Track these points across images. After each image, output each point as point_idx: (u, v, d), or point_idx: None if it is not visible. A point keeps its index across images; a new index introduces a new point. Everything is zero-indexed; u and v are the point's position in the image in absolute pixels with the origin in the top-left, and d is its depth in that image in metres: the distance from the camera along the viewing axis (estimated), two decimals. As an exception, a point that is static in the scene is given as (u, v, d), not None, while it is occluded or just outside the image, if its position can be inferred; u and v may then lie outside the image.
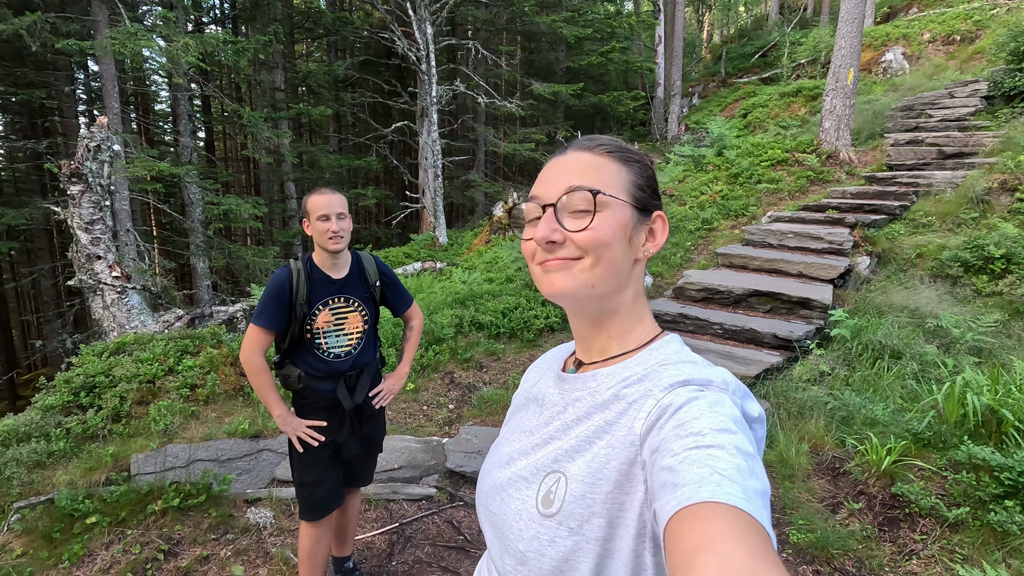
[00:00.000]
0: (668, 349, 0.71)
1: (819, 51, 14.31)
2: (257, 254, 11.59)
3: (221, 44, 9.21)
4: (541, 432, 0.73)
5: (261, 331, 1.97)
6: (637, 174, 0.71)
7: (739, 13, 27.80)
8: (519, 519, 0.68)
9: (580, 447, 0.66)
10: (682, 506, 0.48)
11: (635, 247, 0.70)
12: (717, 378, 0.64)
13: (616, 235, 0.68)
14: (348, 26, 14.93)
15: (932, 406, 3.23)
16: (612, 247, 0.68)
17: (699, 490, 0.48)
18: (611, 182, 0.69)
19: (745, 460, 0.52)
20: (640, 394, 0.65)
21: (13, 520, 2.80)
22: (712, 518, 0.46)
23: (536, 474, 0.69)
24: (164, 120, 18.31)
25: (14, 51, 12.43)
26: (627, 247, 0.69)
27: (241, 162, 22.07)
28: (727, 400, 0.60)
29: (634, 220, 0.70)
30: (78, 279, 4.88)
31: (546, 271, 0.69)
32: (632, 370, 0.68)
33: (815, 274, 5.38)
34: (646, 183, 0.72)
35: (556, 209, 0.68)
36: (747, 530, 0.45)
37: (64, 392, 3.60)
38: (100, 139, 4.83)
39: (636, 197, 0.70)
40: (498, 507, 0.73)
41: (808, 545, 2.56)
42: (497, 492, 0.74)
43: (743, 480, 0.50)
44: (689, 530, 0.46)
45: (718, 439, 0.53)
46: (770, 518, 0.50)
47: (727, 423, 0.56)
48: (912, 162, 7.79)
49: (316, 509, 2.08)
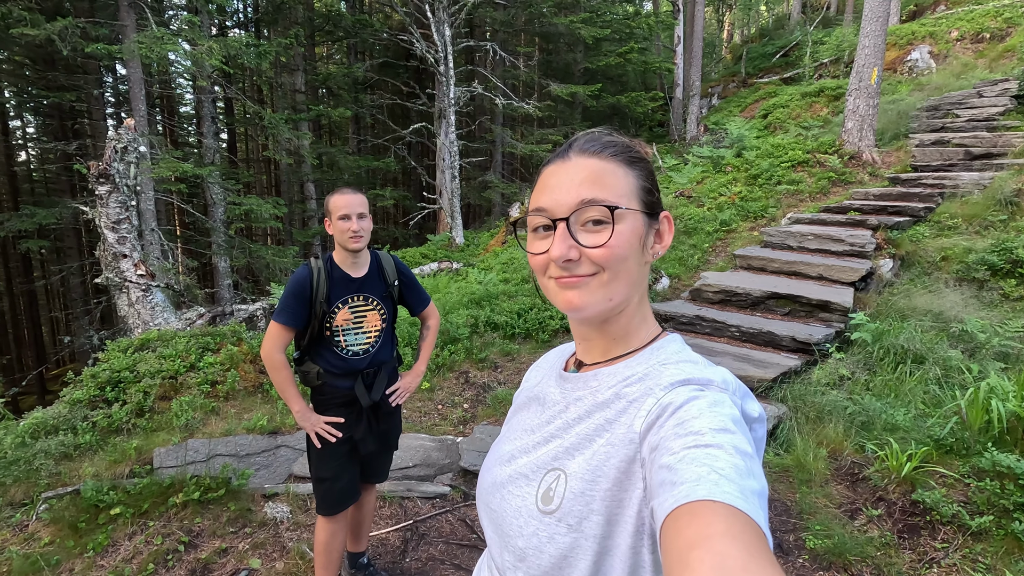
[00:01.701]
0: (669, 349, 0.71)
1: (842, 50, 14.08)
2: (277, 253, 11.77)
3: (244, 47, 9.37)
4: (542, 431, 0.74)
5: (282, 328, 2.01)
6: (643, 176, 0.71)
7: (760, 12, 27.47)
8: (519, 516, 0.68)
9: (580, 445, 0.67)
10: (679, 504, 0.49)
11: (646, 252, 0.70)
12: (717, 378, 0.64)
13: (632, 247, 0.67)
14: (368, 28, 15.09)
15: (955, 412, 3.16)
16: (628, 260, 0.67)
17: (696, 488, 0.49)
18: (622, 191, 0.67)
19: (743, 460, 0.52)
20: (640, 393, 0.65)
21: (41, 510, 2.89)
22: (708, 516, 0.46)
23: (536, 472, 0.70)
24: (188, 122, 18.70)
25: (46, 55, 12.83)
26: (641, 255, 0.69)
27: (262, 163, 22.43)
28: (727, 400, 0.60)
29: (646, 227, 0.69)
30: (105, 277, 5.01)
31: (562, 287, 0.68)
32: (633, 369, 0.69)
33: (835, 276, 5.29)
34: (652, 184, 0.71)
35: (569, 224, 0.66)
36: (743, 529, 0.45)
37: (91, 387, 3.71)
38: (127, 141, 4.96)
39: (645, 202, 0.69)
40: (498, 504, 0.73)
41: (825, 551, 2.52)
42: (497, 489, 0.75)
43: (740, 480, 0.50)
44: (685, 527, 0.47)
45: (717, 439, 0.54)
46: (767, 518, 0.50)
47: (726, 423, 0.56)
48: (938, 163, 7.63)
49: (332, 504, 2.12)
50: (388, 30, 15.71)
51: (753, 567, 0.42)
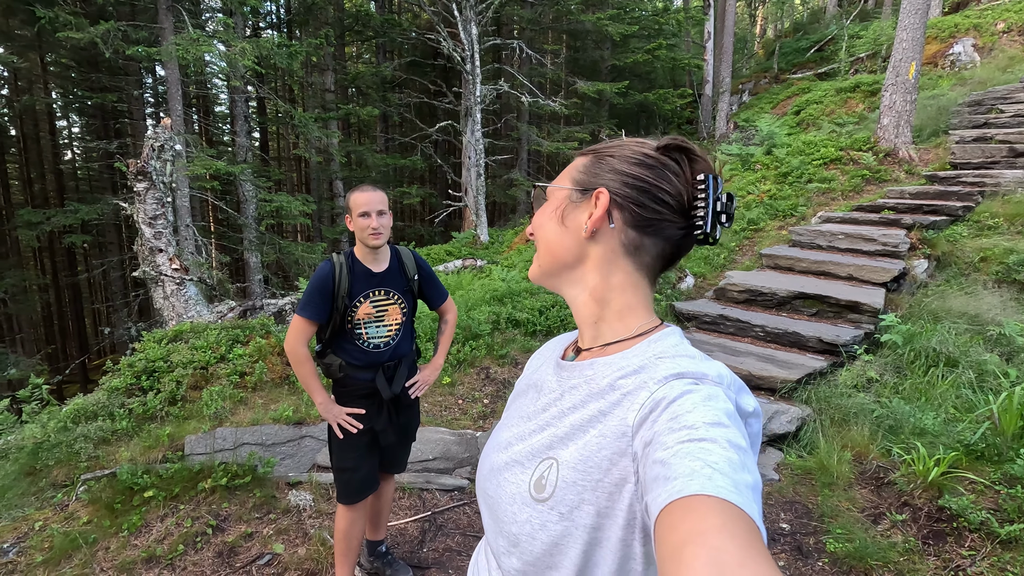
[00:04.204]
0: (667, 342, 0.70)
1: (880, 44, 13.62)
2: (306, 250, 12.01)
3: (276, 48, 9.59)
4: (538, 418, 0.75)
5: (305, 322, 2.07)
6: (594, 160, 0.75)
7: (794, 6, 26.77)
8: (513, 502, 0.70)
9: (573, 434, 0.67)
10: (673, 499, 0.49)
11: (573, 226, 0.74)
12: (712, 372, 0.63)
13: (546, 217, 0.77)
14: (396, 28, 15.26)
15: (987, 417, 3.06)
16: (543, 228, 0.77)
17: (690, 483, 0.49)
18: (564, 176, 0.77)
19: (737, 454, 0.52)
20: (635, 386, 0.65)
21: (81, 490, 3.04)
22: (702, 511, 0.46)
23: (531, 459, 0.71)
24: (222, 121, 19.22)
25: (90, 58, 13.35)
26: (557, 226, 0.75)
27: (292, 161, 22.91)
28: (721, 394, 0.60)
29: (569, 200, 0.75)
30: (142, 271, 5.21)
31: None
32: (629, 361, 0.68)
33: (866, 277, 5.16)
34: (600, 165, 0.73)
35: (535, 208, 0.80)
36: (737, 523, 0.45)
37: (128, 375, 3.87)
38: (164, 139, 5.15)
39: (575, 179, 0.75)
40: (494, 490, 0.74)
41: (846, 555, 2.48)
42: (494, 475, 0.76)
43: (734, 474, 0.50)
44: (679, 522, 0.47)
45: (710, 433, 0.53)
46: (761, 512, 0.50)
47: (720, 417, 0.56)
48: (979, 160, 7.34)
49: (352, 493, 2.18)
50: (416, 29, 15.88)
51: (748, 562, 0.42)
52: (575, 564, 0.63)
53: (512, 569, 0.70)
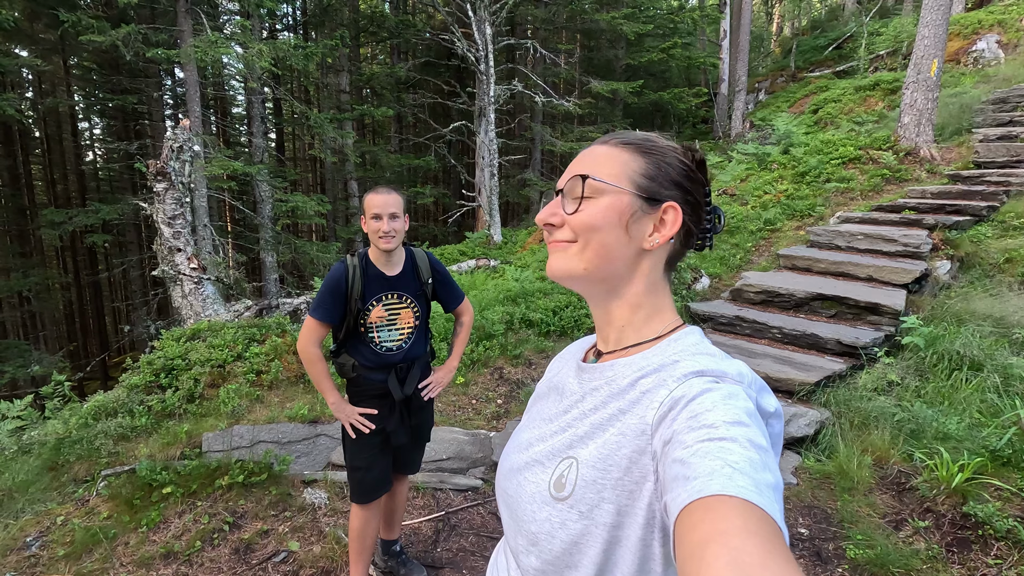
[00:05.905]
0: (687, 341, 0.70)
1: (900, 41, 13.38)
2: (321, 249, 12.12)
3: (292, 50, 9.68)
4: (559, 420, 0.75)
5: (317, 323, 2.07)
6: (651, 164, 0.70)
7: (811, 4, 26.42)
8: (532, 501, 0.70)
9: (593, 433, 0.67)
10: (693, 499, 0.48)
11: (637, 236, 0.70)
12: (732, 370, 0.63)
13: (607, 220, 0.69)
14: (410, 29, 15.34)
15: (1014, 422, 2.99)
16: (601, 231, 0.69)
17: (710, 483, 0.48)
18: (613, 171, 0.70)
19: (758, 453, 0.51)
20: (654, 384, 0.65)
21: (101, 486, 3.09)
22: (723, 511, 0.46)
23: (551, 459, 0.71)
24: (239, 122, 19.44)
25: (111, 60, 13.60)
26: (622, 234, 0.69)
27: (308, 161, 23.13)
28: (741, 393, 0.59)
29: (634, 208, 0.69)
30: (161, 270, 5.29)
31: (549, 254, 0.74)
32: (649, 360, 0.68)
33: (886, 278, 5.06)
34: (660, 173, 0.70)
35: (562, 195, 0.73)
36: (758, 524, 0.45)
37: (147, 373, 3.93)
38: (182, 140, 5.22)
39: (639, 185, 0.69)
40: (514, 489, 0.75)
41: (866, 561, 2.43)
42: (514, 475, 0.76)
43: (755, 473, 0.49)
44: (700, 522, 0.46)
45: (731, 432, 0.53)
46: (783, 512, 0.49)
47: (740, 416, 0.55)
48: (1004, 159, 7.18)
49: (366, 492, 2.18)
50: (430, 30, 15.93)
51: (770, 563, 0.42)
52: (595, 563, 0.63)
53: (531, 568, 0.70)
